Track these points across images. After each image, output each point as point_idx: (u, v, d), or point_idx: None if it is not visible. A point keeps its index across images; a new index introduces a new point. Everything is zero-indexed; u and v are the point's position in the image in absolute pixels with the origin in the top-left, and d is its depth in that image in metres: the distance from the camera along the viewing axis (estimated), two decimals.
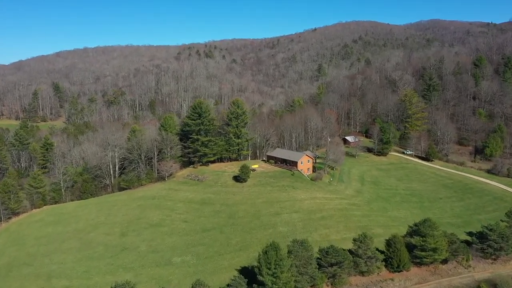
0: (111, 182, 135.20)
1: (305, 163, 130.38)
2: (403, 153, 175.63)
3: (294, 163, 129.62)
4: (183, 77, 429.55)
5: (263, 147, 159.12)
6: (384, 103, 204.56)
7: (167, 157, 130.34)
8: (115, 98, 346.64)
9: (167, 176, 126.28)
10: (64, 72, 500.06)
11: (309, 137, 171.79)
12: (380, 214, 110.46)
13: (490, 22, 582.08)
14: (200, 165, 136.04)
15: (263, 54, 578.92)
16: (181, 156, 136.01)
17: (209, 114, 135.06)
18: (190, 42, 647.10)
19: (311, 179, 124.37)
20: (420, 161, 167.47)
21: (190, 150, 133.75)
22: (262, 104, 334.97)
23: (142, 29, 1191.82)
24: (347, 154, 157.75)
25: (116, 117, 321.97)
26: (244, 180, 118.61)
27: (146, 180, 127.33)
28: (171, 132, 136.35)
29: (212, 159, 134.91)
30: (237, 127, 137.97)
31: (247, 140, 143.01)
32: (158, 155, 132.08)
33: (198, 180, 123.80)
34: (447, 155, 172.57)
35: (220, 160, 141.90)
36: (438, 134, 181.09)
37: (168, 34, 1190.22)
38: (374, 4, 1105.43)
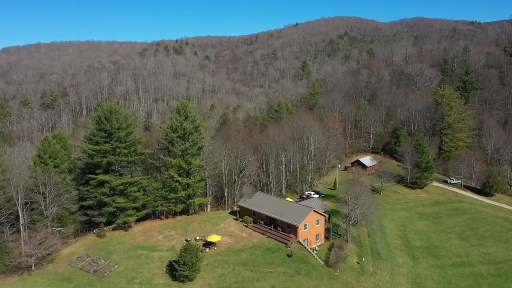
0: None
1: (311, 227, 67.94)
2: (446, 182, 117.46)
3: (291, 229, 67.28)
4: (144, 75, 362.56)
5: (234, 181, 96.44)
6: (405, 107, 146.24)
7: (44, 220, 65.93)
8: (53, 100, 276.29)
9: (36, 263, 62.09)
10: (3, 70, 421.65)
11: (307, 161, 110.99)
12: None
13: (474, 20, 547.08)
14: (114, 229, 72.15)
15: (240, 50, 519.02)
16: (77, 212, 71.75)
17: (128, 133, 71.20)
18: (161, 39, 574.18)
19: (325, 264, 62.43)
20: (474, 195, 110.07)
21: (91, 202, 69.77)
22: (238, 107, 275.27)
23: (106, 24, 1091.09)
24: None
25: (51, 124, 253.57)
26: (189, 279, 55.65)
27: None
28: (58, 167, 71.55)
29: (133, 219, 71.09)
30: (183, 155, 74.67)
31: (202, 179, 79.14)
32: (29, 213, 67.23)
33: (94, 272, 60.07)
34: (510, 186, 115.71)
35: (154, 215, 78.29)
36: (489, 152, 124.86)
37: (136, 31, 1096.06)
38: (357, 0, 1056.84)
